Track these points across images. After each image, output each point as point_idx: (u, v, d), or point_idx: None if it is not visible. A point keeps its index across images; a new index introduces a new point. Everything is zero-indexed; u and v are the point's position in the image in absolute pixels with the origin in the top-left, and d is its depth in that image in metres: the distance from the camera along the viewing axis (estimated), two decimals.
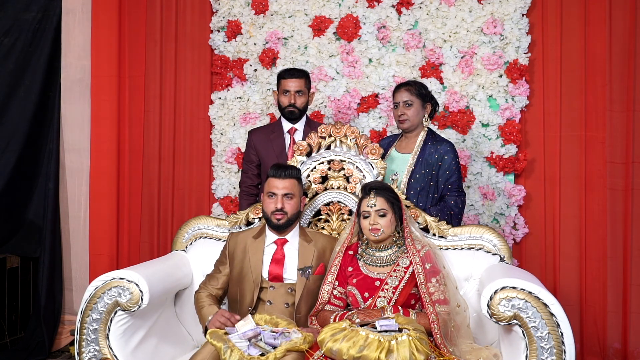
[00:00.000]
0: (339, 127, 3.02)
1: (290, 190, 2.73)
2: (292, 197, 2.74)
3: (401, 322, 2.32)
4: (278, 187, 2.73)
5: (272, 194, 2.74)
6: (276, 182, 2.74)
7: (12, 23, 4.14)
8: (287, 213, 2.73)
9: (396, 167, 3.15)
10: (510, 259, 2.84)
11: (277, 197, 2.72)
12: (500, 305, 2.30)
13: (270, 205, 2.74)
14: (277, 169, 2.77)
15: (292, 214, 2.75)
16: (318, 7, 3.98)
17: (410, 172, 3.13)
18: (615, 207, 3.58)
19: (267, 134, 3.49)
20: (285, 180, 2.74)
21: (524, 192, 3.73)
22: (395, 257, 2.64)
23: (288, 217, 2.74)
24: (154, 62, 4.15)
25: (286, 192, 2.72)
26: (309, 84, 3.45)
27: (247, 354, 2.30)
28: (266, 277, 2.71)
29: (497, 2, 3.75)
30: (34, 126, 4.16)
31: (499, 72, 3.76)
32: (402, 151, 3.21)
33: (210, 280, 2.80)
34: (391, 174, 2.97)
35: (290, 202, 2.74)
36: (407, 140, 3.22)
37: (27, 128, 4.13)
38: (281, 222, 2.73)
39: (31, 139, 4.16)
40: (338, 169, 3.00)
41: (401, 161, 3.18)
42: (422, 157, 3.13)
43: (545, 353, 2.26)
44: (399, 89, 3.21)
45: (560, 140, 3.71)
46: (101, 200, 4.12)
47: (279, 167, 2.78)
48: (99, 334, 2.53)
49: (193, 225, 3.13)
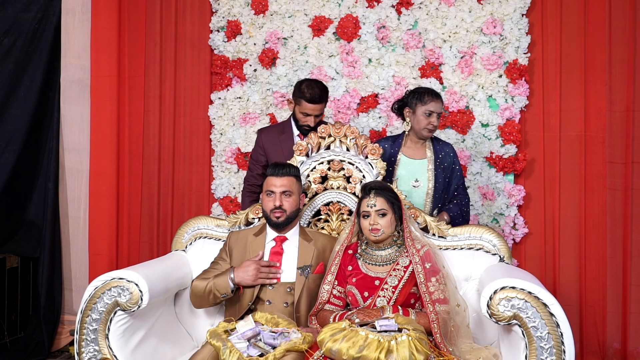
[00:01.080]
0: (338, 127, 3.02)
1: (288, 187, 2.74)
2: (290, 195, 2.75)
3: (401, 322, 2.32)
4: (276, 185, 2.74)
5: (270, 192, 2.75)
6: (274, 180, 2.75)
7: (11, 23, 4.14)
8: (286, 211, 2.74)
9: (412, 174, 3.16)
10: (510, 259, 2.84)
11: (275, 195, 2.73)
12: (500, 305, 2.30)
13: (269, 203, 2.75)
14: (275, 167, 2.78)
15: (291, 212, 2.75)
16: (318, 7, 3.98)
17: (434, 178, 3.15)
18: (615, 207, 3.59)
19: (277, 134, 3.46)
20: (284, 178, 2.74)
21: (523, 192, 3.73)
22: (394, 257, 2.64)
23: (287, 214, 2.74)
24: (154, 62, 4.16)
25: (284, 189, 2.73)
26: (326, 101, 3.39)
27: (246, 355, 2.30)
28: None
29: (496, 2, 3.76)
30: (33, 126, 4.16)
31: (499, 72, 3.76)
32: (415, 157, 3.20)
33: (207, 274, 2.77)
34: (411, 181, 3.04)
35: (289, 199, 2.74)
36: (414, 144, 3.21)
37: (26, 128, 4.13)
38: (280, 219, 2.74)
39: (31, 139, 4.16)
40: (338, 169, 3.01)
41: (418, 167, 3.18)
42: (439, 161, 3.17)
43: (544, 353, 2.26)
44: (437, 98, 3.12)
45: (560, 140, 3.71)
46: (101, 200, 4.12)
47: (277, 165, 2.79)
48: (99, 334, 2.53)
49: (193, 225, 3.13)
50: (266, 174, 2.81)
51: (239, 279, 2.65)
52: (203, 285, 2.69)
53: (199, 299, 2.72)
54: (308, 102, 3.29)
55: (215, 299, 2.68)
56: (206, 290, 2.68)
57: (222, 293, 2.66)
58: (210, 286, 2.67)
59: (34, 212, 4.20)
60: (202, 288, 2.68)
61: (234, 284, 2.66)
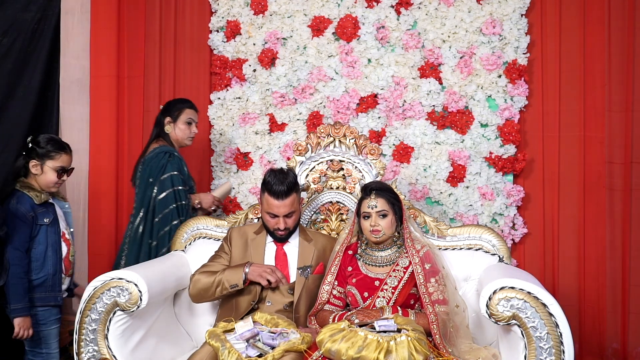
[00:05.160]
0: (337, 127, 3.03)
1: (291, 208, 2.70)
2: (293, 214, 2.72)
3: (400, 322, 2.32)
4: (279, 208, 2.68)
5: (273, 215, 2.71)
6: (276, 203, 2.67)
7: (10, 23, 4.13)
8: (290, 228, 2.74)
9: None
10: (509, 259, 2.84)
11: (278, 219, 2.71)
12: (499, 305, 2.30)
13: (271, 223, 2.74)
14: (275, 186, 2.66)
15: (294, 226, 2.75)
16: (317, 7, 3.98)
17: None
18: (614, 207, 3.58)
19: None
20: (286, 200, 2.67)
21: (522, 192, 3.73)
22: (394, 257, 2.64)
23: (290, 230, 2.75)
24: (153, 62, 4.15)
25: (287, 212, 2.69)
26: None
27: (244, 355, 2.30)
28: None
29: (496, 3, 3.75)
30: (32, 126, 4.15)
31: (498, 73, 3.76)
32: None
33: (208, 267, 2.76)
34: None
35: (292, 218, 2.73)
36: None
37: (25, 128, 4.11)
38: (283, 236, 2.75)
39: None
40: (337, 169, 3.01)
41: None
42: None
43: (544, 353, 2.26)
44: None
45: (559, 140, 3.71)
46: (100, 200, 4.12)
47: (277, 183, 2.67)
48: (98, 334, 2.53)
49: (192, 225, 3.14)
50: (265, 189, 2.70)
51: (251, 271, 2.64)
52: (210, 280, 2.66)
53: (202, 292, 2.70)
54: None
55: (223, 290, 2.65)
56: (214, 283, 2.65)
57: (232, 284, 2.64)
58: (220, 279, 2.65)
59: None
60: (209, 282, 2.66)
61: (246, 277, 2.64)
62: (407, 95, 3.82)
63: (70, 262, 3.06)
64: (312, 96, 3.94)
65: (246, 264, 2.68)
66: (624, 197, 3.56)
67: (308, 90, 3.93)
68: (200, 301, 2.79)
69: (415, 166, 3.79)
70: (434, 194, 3.77)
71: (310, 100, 3.94)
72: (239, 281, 2.63)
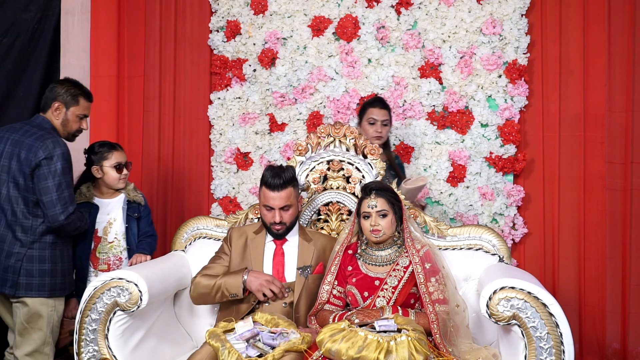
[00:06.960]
0: (338, 127, 3.02)
1: (287, 201, 2.69)
2: (289, 207, 2.72)
3: (400, 322, 2.32)
4: (275, 200, 2.68)
5: (269, 208, 2.71)
6: (272, 195, 2.68)
7: (11, 23, 4.13)
8: (286, 223, 2.73)
9: None
10: (509, 259, 2.84)
11: (274, 211, 2.70)
12: (499, 305, 2.30)
13: (268, 217, 2.73)
14: (272, 178, 2.68)
15: (291, 222, 2.75)
16: (317, 7, 3.98)
17: None
18: (614, 207, 3.58)
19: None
20: (282, 192, 2.67)
21: (523, 192, 3.73)
22: (394, 257, 2.64)
23: (287, 226, 2.74)
24: (153, 62, 4.15)
25: (283, 204, 2.69)
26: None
27: (245, 355, 2.30)
28: None
29: (496, 3, 3.76)
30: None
31: (498, 73, 3.76)
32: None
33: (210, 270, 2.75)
34: None
35: (289, 212, 2.72)
36: None
37: None
38: (280, 232, 2.74)
39: None
40: (337, 169, 3.01)
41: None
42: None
43: (544, 353, 2.26)
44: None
45: (560, 140, 3.71)
46: None
47: (273, 176, 2.68)
48: (98, 334, 2.53)
49: (192, 226, 3.13)
50: (263, 181, 2.71)
51: (249, 281, 2.63)
52: (210, 283, 2.66)
53: (203, 296, 2.70)
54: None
55: (223, 297, 2.65)
56: (214, 287, 2.64)
57: (232, 293, 2.63)
58: (219, 284, 2.64)
59: None
60: (209, 285, 2.65)
61: (244, 287, 2.64)
62: (407, 95, 3.83)
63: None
64: (312, 96, 3.94)
65: (244, 271, 2.67)
66: (624, 197, 3.56)
67: (308, 90, 3.93)
68: (202, 304, 2.79)
69: (416, 166, 3.79)
70: (434, 194, 3.78)
71: (311, 100, 3.94)
72: (238, 290, 2.63)
